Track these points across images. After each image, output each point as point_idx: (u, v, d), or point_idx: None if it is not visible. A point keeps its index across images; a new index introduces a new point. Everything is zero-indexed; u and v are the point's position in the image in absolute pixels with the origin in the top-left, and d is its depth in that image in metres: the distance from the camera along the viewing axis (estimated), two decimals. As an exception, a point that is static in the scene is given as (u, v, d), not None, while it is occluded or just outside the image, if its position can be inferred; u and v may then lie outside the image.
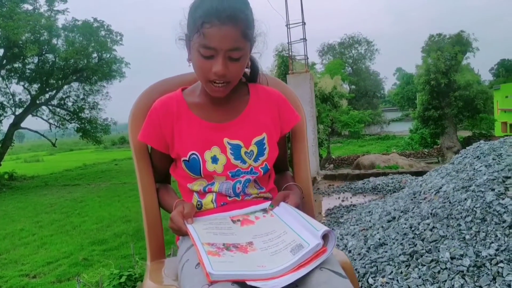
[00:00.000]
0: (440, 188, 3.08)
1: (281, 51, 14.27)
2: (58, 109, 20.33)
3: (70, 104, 20.13)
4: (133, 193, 12.48)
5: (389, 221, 3.10)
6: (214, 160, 1.27)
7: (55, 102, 20.03)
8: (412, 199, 3.23)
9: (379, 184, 5.06)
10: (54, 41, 18.25)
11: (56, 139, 20.62)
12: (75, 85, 20.18)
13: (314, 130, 5.80)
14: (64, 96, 20.21)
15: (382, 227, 3.05)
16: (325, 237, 1.04)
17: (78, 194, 13.39)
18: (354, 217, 3.71)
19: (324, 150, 15.94)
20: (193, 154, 1.26)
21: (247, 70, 1.37)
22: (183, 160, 1.27)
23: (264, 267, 1.00)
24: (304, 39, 6.33)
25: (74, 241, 7.63)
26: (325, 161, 15.46)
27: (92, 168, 21.08)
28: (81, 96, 20.48)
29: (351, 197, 4.81)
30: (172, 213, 1.21)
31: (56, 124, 20.19)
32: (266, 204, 1.28)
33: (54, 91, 19.32)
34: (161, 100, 1.33)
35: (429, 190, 3.18)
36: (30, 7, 17.87)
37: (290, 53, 6.24)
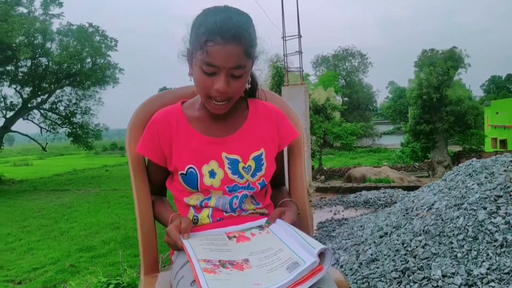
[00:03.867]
0: (433, 204, 3.09)
1: (275, 62, 14.32)
2: (49, 113, 20.22)
3: (62, 108, 20.05)
4: (123, 200, 12.40)
5: (381, 237, 3.09)
6: (212, 174, 1.26)
7: (47, 106, 19.93)
8: (404, 215, 3.24)
9: (371, 198, 5.06)
10: (48, 44, 18.22)
11: (47, 143, 20.49)
12: (67, 89, 20.11)
13: (307, 142, 5.82)
14: (56, 100, 20.12)
15: (374, 242, 3.05)
16: (321, 255, 1.03)
17: (67, 200, 13.27)
18: (346, 231, 3.70)
19: (316, 161, 15.96)
20: (190, 167, 1.26)
21: (247, 86, 1.36)
22: (180, 174, 1.26)
23: (260, 285, 0.99)
24: (300, 52, 6.37)
25: (61, 247, 7.55)
26: (316, 172, 15.48)
27: (82, 174, 20.92)
28: (74, 101, 20.40)
29: (343, 211, 4.81)
30: (169, 227, 1.19)
31: (47, 128, 20.08)
32: (263, 221, 1.27)
33: (46, 95, 19.25)
34: (160, 112, 1.32)
35: (422, 206, 3.19)
36: (25, 10, 17.86)
37: (286, 65, 6.28)
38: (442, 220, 2.77)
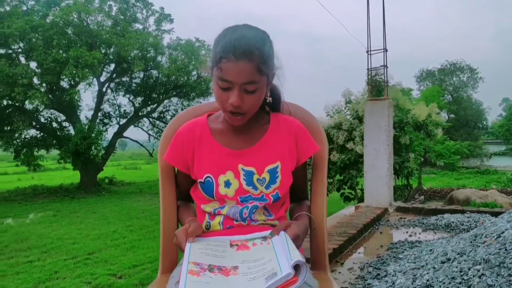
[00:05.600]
0: (502, 232, 2.91)
1: (374, 76, 14.03)
2: (157, 122, 21.78)
3: (168, 117, 21.50)
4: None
5: (442, 262, 2.98)
6: (227, 184, 1.34)
7: (155, 115, 21.50)
8: (471, 242, 3.09)
9: (453, 222, 4.81)
10: (159, 58, 19.71)
11: (154, 150, 22.08)
12: (174, 100, 21.54)
13: (389, 159, 5.69)
14: (164, 110, 21.63)
15: (434, 267, 2.95)
16: (299, 268, 1.06)
17: (168, 203, 14.18)
18: (414, 254, 3.60)
19: (414, 180, 15.28)
20: (208, 177, 1.34)
21: (270, 99, 1.43)
22: (199, 182, 1.36)
23: None
24: (385, 66, 6.26)
25: (159, 248, 8.17)
26: (415, 191, 14.80)
27: (184, 179, 22.11)
28: (179, 111, 21.78)
29: (420, 233, 4.63)
30: (178, 229, 1.30)
31: (154, 135, 21.65)
32: (268, 232, 1.30)
33: (155, 105, 20.77)
34: (186, 124, 1.45)
35: (491, 233, 3.02)
36: (140, 27, 19.55)
37: (369, 79, 6.22)
38: (506, 250, 2.62)
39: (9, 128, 16.75)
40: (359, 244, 4.33)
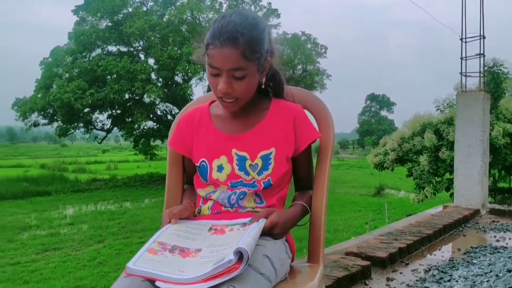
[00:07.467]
0: None
1: (492, 67, 12.74)
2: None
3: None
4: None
5: (509, 271, 2.68)
6: (220, 168, 1.33)
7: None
8: (548, 251, 2.73)
9: (554, 229, 4.27)
10: (265, 53, 20.08)
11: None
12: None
13: (483, 156, 5.20)
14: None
15: (497, 275, 2.67)
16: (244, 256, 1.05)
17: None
18: (490, 261, 3.27)
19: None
20: (203, 161, 1.35)
21: (269, 84, 1.41)
22: (196, 166, 1.39)
23: (184, 272, 1.04)
24: (481, 55, 5.65)
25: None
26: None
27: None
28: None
29: (510, 239, 4.18)
30: (165, 211, 1.33)
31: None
32: (249, 218, 1.27)
33: (261, 99, 21.24)
34: (189, 111, 1.48)
35: None
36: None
37: (464, 69, 5.69)
38: None
39: (129, 119, 18.34)
40: (435, 246, 4.04)
